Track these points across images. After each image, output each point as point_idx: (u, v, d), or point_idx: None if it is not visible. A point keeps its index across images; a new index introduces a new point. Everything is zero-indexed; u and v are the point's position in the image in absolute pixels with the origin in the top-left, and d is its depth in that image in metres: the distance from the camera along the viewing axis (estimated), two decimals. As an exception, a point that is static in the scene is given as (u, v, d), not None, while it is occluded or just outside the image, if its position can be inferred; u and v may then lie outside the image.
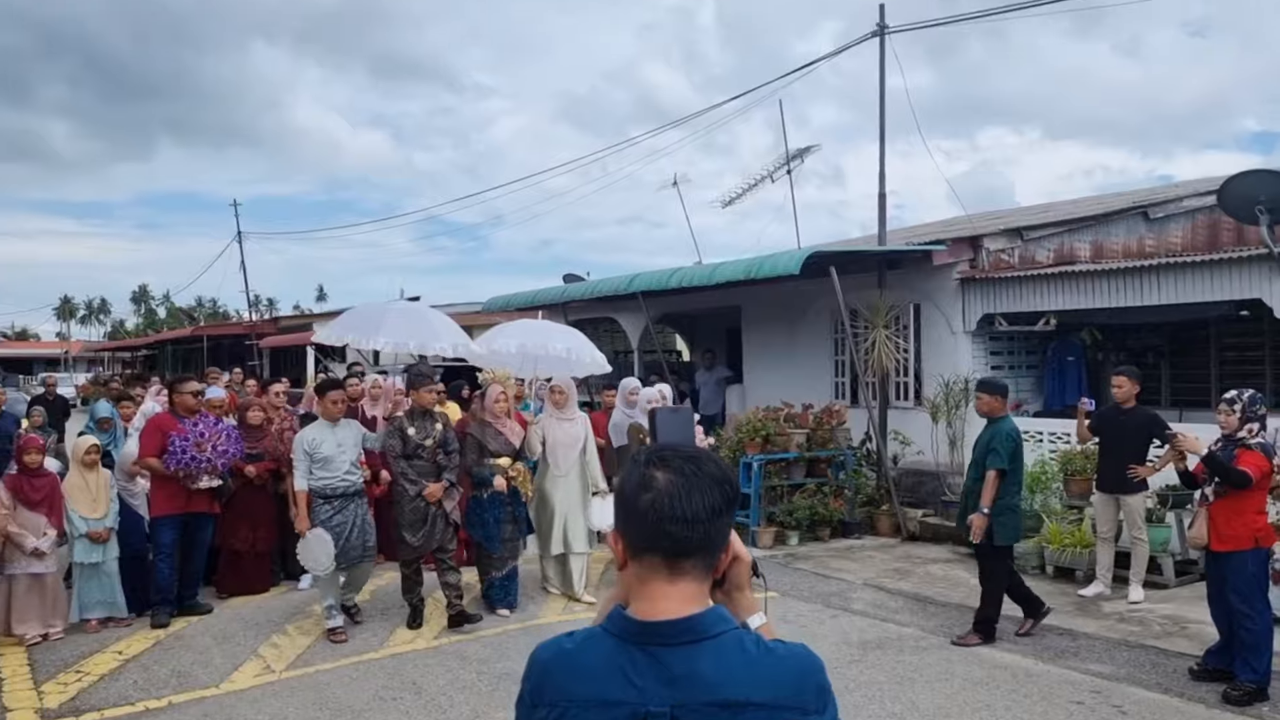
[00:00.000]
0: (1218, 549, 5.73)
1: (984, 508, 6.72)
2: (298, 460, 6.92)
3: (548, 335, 8.69)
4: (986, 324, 11.38)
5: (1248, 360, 11.40)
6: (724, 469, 1.59)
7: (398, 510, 7.08)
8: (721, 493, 1.55)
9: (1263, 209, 8.67)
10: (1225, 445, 5.83)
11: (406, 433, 7.06)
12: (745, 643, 1.49)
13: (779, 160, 13.73)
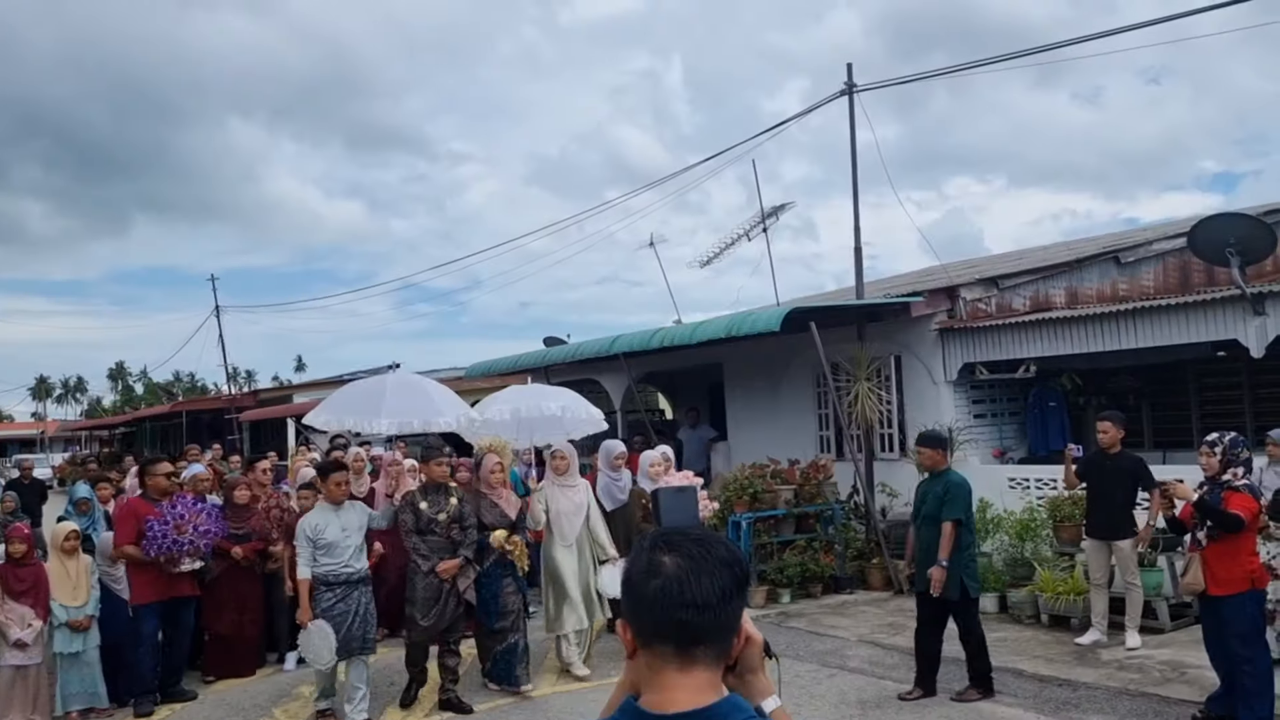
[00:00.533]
0: (1215, 593, 5.70)
1: (943, 560, 6.63)
2: (300, 547, 6.64)
3: (540, 396, 8.60)
4: (967, 373, 11.44)
5: (1227, 400, 11.49)
6: (733, 551, 1.57)
7: (409, 588, 6.88)
8: (731, 575, 1.52)
9: (1233, 250, 8.81)
10: (1211, 488, 5.85)
11: (419, 507, 6.91)
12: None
13: (754, 218, 13.88)
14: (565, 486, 7.92)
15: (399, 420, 8.10)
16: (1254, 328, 8.92)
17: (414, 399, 8.33)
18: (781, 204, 14.01)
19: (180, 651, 7.52)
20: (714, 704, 1.45)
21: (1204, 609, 5.95)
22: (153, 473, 7.53)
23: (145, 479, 7.54)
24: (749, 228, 14.05)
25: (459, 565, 6.89)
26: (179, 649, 7.49)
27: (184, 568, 7.18)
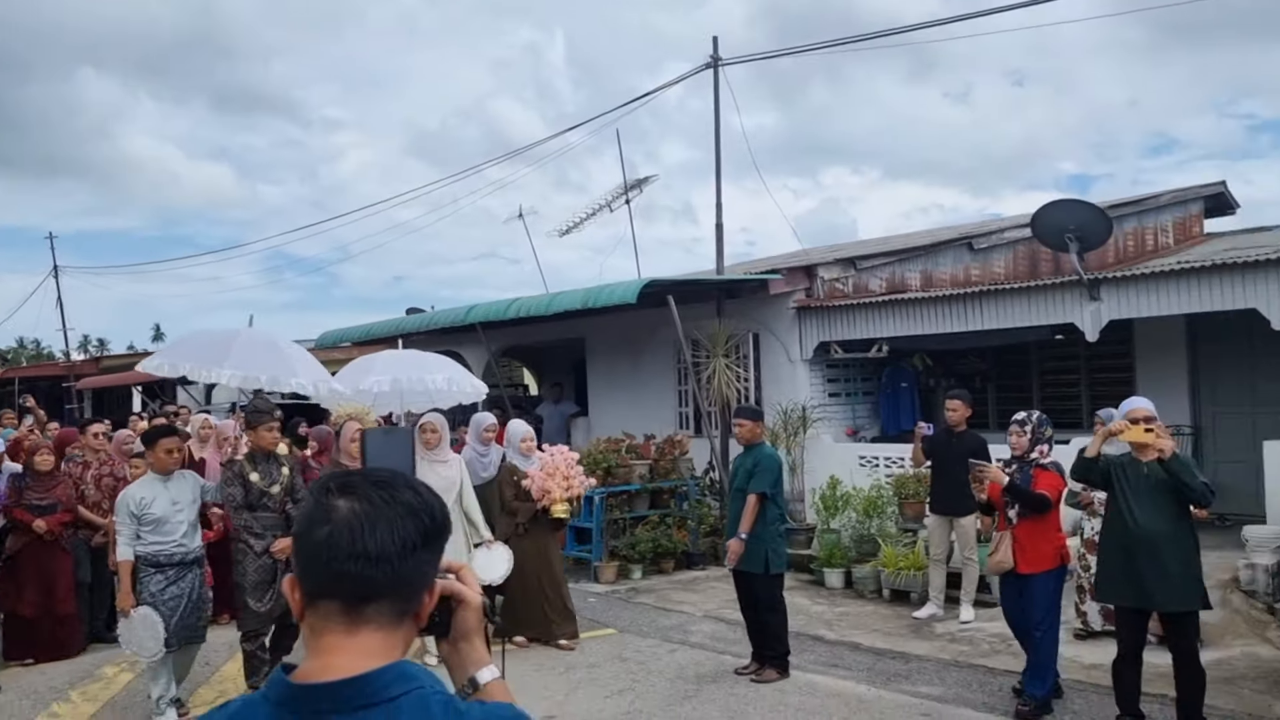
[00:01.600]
0: (1025, 571, 5.75)
1: (742, 533, 6.52)
2: (122, 524, 5.84)
3: (423, 367, 7.91)
4: (823, 352, 11.53)
5: (1064, 382, 11.91)
6: (424, 497, 1.33)
7: (238, 571, 6.16)
8: (417, 524, 1.29)
9: (1072, 236, 9.07)
10: (1020, 467, 5.93)
11: (248, 479, 6.20)
12: (431, 706, 1.22)
13: (618, 189, 13.69)
14: (435, 461, 7.29)
15: (244, 374, 7.19)
16: (1089, 312, 9.21)
17: (266, 355, 7.46)
18: (645, 176, 13.87)
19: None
20: (372, 671, 1.21)
21: (1008, 586, 5.97)
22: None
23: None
24: (611, 199, 13.84)
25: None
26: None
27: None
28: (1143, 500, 5.22)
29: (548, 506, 7.39)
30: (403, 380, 7.64)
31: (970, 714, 5.80)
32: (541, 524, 7.53)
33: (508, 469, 7.80)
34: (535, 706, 6.12)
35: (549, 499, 7.37)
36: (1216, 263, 8.50)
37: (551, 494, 7.35)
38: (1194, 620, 5.33)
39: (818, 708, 5.97)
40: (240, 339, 7.66)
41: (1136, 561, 5.19)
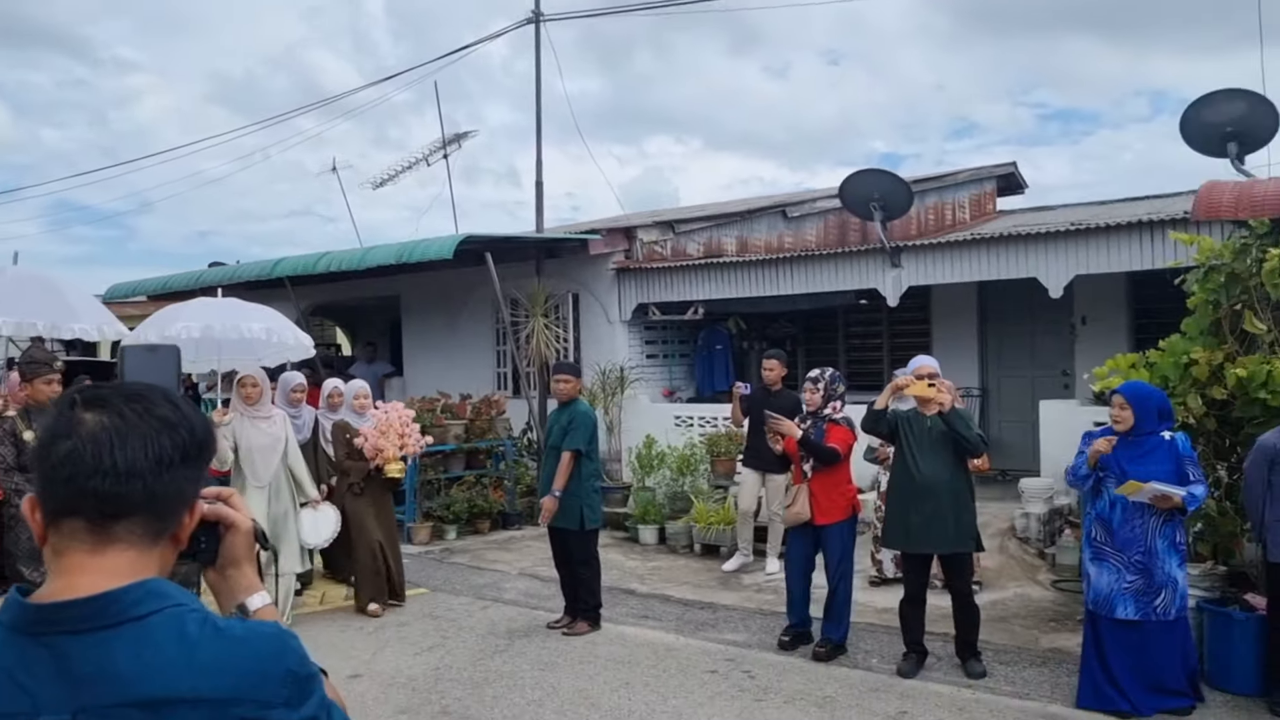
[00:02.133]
0: (821, 522, 6.01)
1: (556, 490, 6.55)
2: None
3: (242, 314, 7.26)
4: (641, 313, 11.66)
5: (868, 346, 12.52)
6: (184, 412, 1.24)
7: (10, 538, 5.70)
8: (174, 438, 1.21)
9: (876, 204, 9.49)
10: (815, 422, 6.19)
11: (21, 437, 5.65)
12: (186, 624, 1.15)
13: (436, 143, 13.36)
14: (257, 418, 6.79)
15: (16, 319, 6.55)
16: (891, 278, 9.69)
17: (41, 296, 6.76)
18: (464, 131, 13.59)
19: None
20: (118, 589, 1.13)
21: (801, 537, 6.21)
22: None
23: None
24: (429, 152, 13.50)
25: None
26: None
27: None
28: (925, 451, 5.56)
29: (381, 465, 7.09)
30: (216, 328, 7.02)
31: (770, 656, 6.04)
32: (376, 484, 7.23)
33: (340, 426, 7.42)
34: (341, 666, 5.97)
35: (382, 458, 7.06)
36: (1003, 234, 9.10)
37: (385, 452, 7.05)
38: (969, 562, 5.75)
39: (626, 657, 6.08)
40: (6, 278, 6.95)
41: (920, 508, 5.53)
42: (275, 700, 1.16)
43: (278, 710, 1.16)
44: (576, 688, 5.52)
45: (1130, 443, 5.06)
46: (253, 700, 1.15)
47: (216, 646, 1.15)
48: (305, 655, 1.23)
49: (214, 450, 1.31)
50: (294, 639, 1.24)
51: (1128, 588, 5.00)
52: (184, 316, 7.12)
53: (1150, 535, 4.98)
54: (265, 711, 1.15)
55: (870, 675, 5.68)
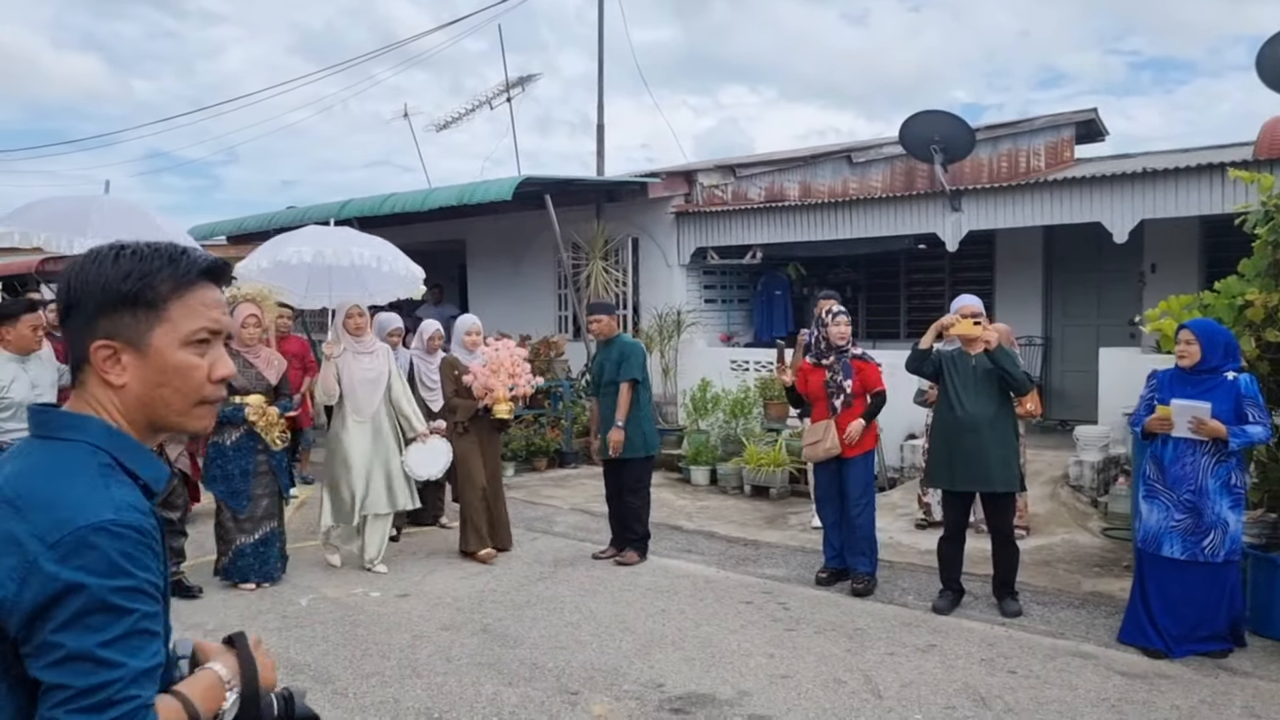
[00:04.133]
0: (849, 455, 6.07)
1: (619, 421, 6.68)
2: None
3: (350, 240, 6.95)
4: (700, 257, 11.67)
5: (930, 294, 12.35)
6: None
7: None
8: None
9: (937, 147, 9.32)
10: (838, 357, 6.17)
11: None
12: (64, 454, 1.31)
13: (500, 87, 13.45)
14: (360, 352, 6.67)
15: (108, 242, 6.51)
16: (950, 223, 9.54)
17: (134, 223, 6.54)
18: (529, 74, 13.62)
19: None
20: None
21: (825, 472, 6.26)
22: None
23: None
24: (493, 95, 13.60)
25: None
26: None
27: None
28: (969, 389, 5.54)
29: (490, 405, 6.84)
30: (327, 253, 6.70)
31: (807, 590, 6.13)
32: (483, 424, 6.99)
33: (449, 362, 7.15)
34: (392, 586, 6.24)
35: (492, 397, 6.81)
36: (1065, 178, 8.88)
37: (495, 392, 6.79)
38: (1011, 503, 5.72)
39: (666, 587, 6.22)
40: (99, 205, 6.82)
41: (962, 446, 5.53)
42: (46, 543, 1.19)
43: (41, 561, 1.18)
44: (614, 613, 5.68)
45: (1191, 379, 4.98)
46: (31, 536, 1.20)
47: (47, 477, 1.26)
48: (112, 528, 1.21)
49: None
50: (104, 500, 1.24)
51: (1175, 526, 4.95)
52: (295, 241, 6.90)
53: (1201, 474, 4.91)
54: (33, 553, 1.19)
55: (904, 611, 5.73)
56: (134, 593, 1.19)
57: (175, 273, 1.36)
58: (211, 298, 1.40)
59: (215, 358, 1.40)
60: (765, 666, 4.83)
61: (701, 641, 5.19)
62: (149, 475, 1.35)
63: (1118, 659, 4.93)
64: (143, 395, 1.36)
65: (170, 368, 1.35)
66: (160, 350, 1.35)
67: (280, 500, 6.44)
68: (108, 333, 1.33)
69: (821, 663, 4.87)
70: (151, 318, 1.34)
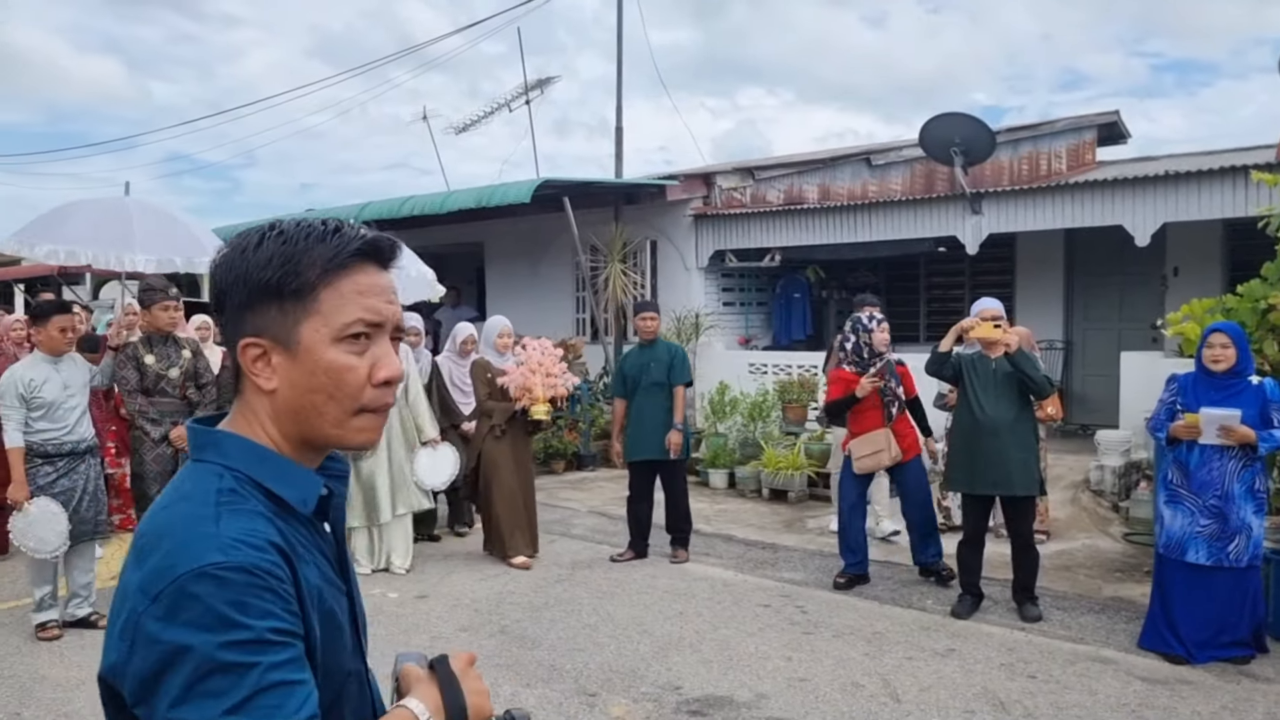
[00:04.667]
0: (908, 459, 6.22)
1: (679, 423, 6.79)
2: (10, 408, 5.27)
3: None
4: (718, 260, 11.67)
5: (950, 297, 12.31)
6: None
7: (136, 460, 5.79)
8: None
9: (957, 149, 9.29)
10: (885, 363, 6.20)
11: (142, 362, 5.75)
12: (191, 480, 1.15)
13: (518, 89, 13.49)
14: None
15: (158, 256, 6.26)
16: (971, 225, 9.51)
17: (172, 234, 6.50)
18: (548, 76, 13.67)
19: None
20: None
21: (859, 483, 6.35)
22: None
23: None
24: (511, 97, 13.64)
25: None
26: None
27: None
28: (989, 393, 5.52)
29: (527, 407, 6.70)
30: None
31: (825, 594, 6.11)
32: (518, 426, 6.89)
33: (480, 365, 7.10)
34: (410, 588, 6.27)
35: (529, 398, 6.68)
36: (1087, 181, 8.83)
37: (533, 392, 6.67)
38: (1031, 506, 5.69)
39: (683, 590, 6.22)
40: (136, 214, 6.68)
41: (982, 449, 5.50)
42: (151, 594, 1.01)
43: (147, 618, 1.01)
44: (631, 616, 5.68)
45: (1216, 383, 4.93)
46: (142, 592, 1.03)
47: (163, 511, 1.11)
48: (215, 574, 1.00)
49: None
50: (214, 538, 1.03)
51: (1201, 531, 4.91)
52: None
53: (1228, 479, 4.87)
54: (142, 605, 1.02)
55: (923, 615, 5.71)
56: (253, 645, 0.98)
57: (324, 254, 1.14)
58: (370, 283, 1.17)
59: (377, 356, 1.17)
60: (783, 669, 4.82)
61: (719, 644, 5.19)
62: (294, 495, 1.14)
63: (1139, 664, 4.90)
64: (294, 402, 1.15)
65: (322, 368, 1.14)
66: (310, 348, 1.14)
67: None
68: (255, 329, 1.14)
69: (840, 666, 4.86)
70: (299, 309, 1.13)
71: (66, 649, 5.14)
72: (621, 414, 7.21)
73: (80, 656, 5.03)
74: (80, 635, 5.33)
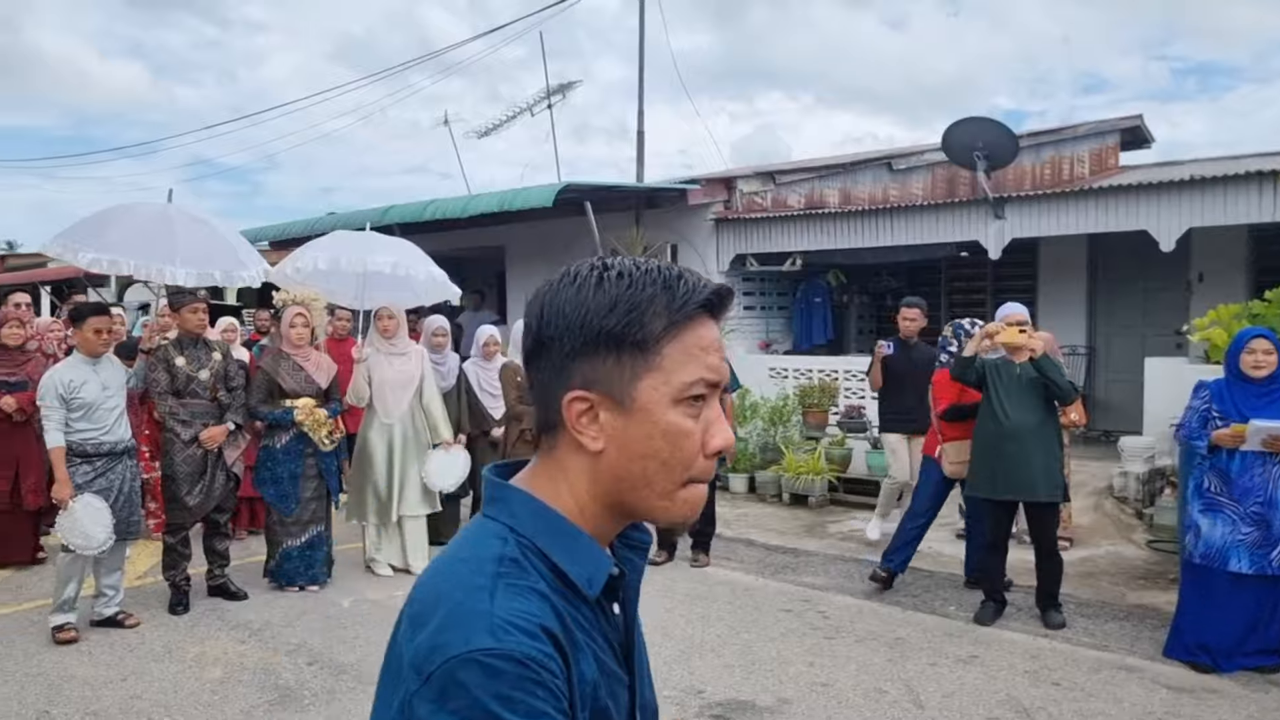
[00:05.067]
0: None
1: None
2: (51, 408, 5.31)
3: (367, 248, 6.71)
4: (739, 264, 11.66)
5: (972, 301, 12.24)
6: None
7: (166, 462, 5.86)
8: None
9: (980, 154, 9.25)
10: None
11: (174, 364, 5.82)
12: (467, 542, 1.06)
13: (541, 94, 13.55)
14: (392, 354, 6.71)
15: (198, 270, 6.23)
16: (993, 230, 9.46)
17: (211, 244, 6.48)
18: (570, 81, 13.72)
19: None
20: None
21: (941, 484, 6.33)
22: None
23: None
24: (533, 102, 13.70)
25: (225, 433, 5.92)
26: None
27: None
28: (1014, 398, 5.49)
29: None
30: (343, 261, 6.61)
31: (846, 600, 6.10)
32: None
33: (511, 368, 7.07)
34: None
35: None
36: (1111, 185, 8.78)
37: None
38: (1055, 513, 5.66)
39: (704, 594, 6.22)
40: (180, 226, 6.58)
41: (1005, 455, 5.47)
42: (416, 675, 0.94)
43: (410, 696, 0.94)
44: (653, 619, 5.68)
45: (1258, 390, 4.89)
46: (410, 666, 0.95)
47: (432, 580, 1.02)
48: (494, 655, 0.91)
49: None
50: (487, 617, 0.94)
51: (1243, 539, 4.84)
52: (314, 247, 6.91)
53: (1271, 485, 4.81)
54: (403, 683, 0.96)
55: (946, 621, 5.69)
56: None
57: (670, 304, 1.01)
58: (711, 338, 1.05)
59: (710, 421, 1.04)
60: (805, 674, 4.82)
61: (741, 648, 5.19)
62: (580, 573, 1.01)
63: (1164, 672, 4.86)
64: (620, 468, 1.03)
65: (659, 432, 1.01)
66: (647, 408, 1.01)
67: (328, 504, 6.52)
68: (585, 382, 1.02)
69: (862, 672, 4.85)
70: (638, 363, 1.01)
71: (94, 648, 5.20)
72: None
73: (108, 655, 5.08)
74: (107, 634, 5.39)
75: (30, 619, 5.65)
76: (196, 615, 5.76)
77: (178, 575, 5.89)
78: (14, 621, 5.64)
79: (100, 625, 5.48)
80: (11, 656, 5.06)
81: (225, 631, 5.49)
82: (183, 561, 5.91)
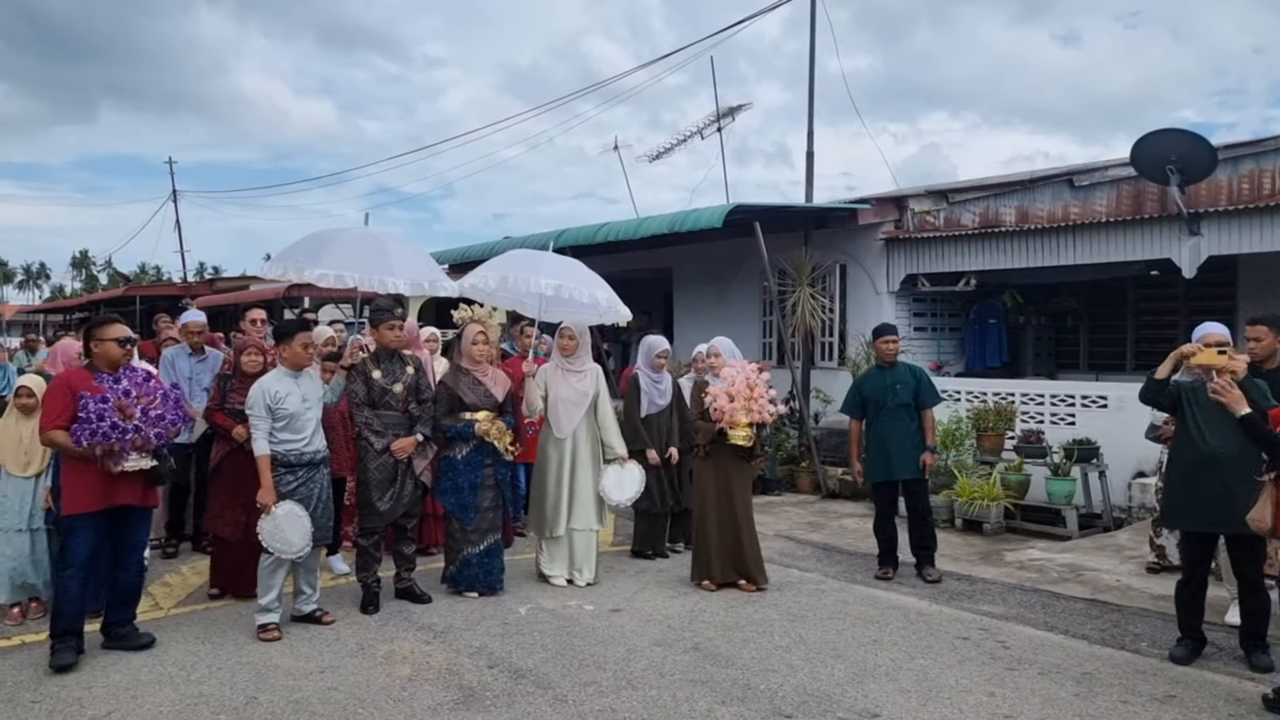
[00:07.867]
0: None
1: (932, 444, 7.12)
2: (258, 417, 5.58)
3: (534, 268, 6.70)
4: (910, 284, 11.45)
5: (1162, 324, 11.60)
6: None
7: (360, 469, 6.22)
8: None
9: (1174, 168, 8.78)
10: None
11: (371, 377, 6.19)
12: None
13: (710, 117, 13.69)
14: (569, 371, 6.92)
15: (334, 271, 6.48)
16: (1188, 247, 8.95)
17: (364, 253, 6.67)
18: (738, 104, 13.82)
19: (128, 583, 5.52)
20: None
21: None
22: (101, 336, 5.31)
23: (90, 344, 5.34)
24: (702, 125, 13.85)
25: (415, 444, 6.22)
26: (127, 578, 5.50)
27: (128, 466, 5.14)
28: (1212, 422, 5.17)
29: (725, 429, 6.61)
30: (510, 279, 6.72)
31: (1028, 631, 5.86)
32: (724, 450, 6.73)
33: (700, 385, 7.13)
34: (605, 601, 6.43)
35: (727, 420, 6.59)
36: (1325, 197, 8.16)
37: (730, 415, 6.58)
38: (1260, 545, 5.28)
39: (876, 617, 6.12)
40: (340, 237, 6.89)
41: (1204, 483, 5.16)
42: None
43: None
44: (824, 640, 5.63)
45: None
46: None
47: None
48: None
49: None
50: None
51: None
52: (489, 265, 7.08)
53: None
54: None
55: (1138, 658, 5.39)
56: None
57: None
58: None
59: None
60: (986, 704, 4.67)
61: (917, 674, 5.07)
62: None
63: (1391, 725, 4.46)
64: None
65: None
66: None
67: (504, 513, 6.75)
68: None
69: (1047, 705, 4.66)
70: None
71: (296, 641, 5.56)
72: (858, 435, 7.39)
73: (309, 649, 5.43)
74: (306, 629, 5.76)
75: (239, 612, 6.10)
76: (385, 615, 6.08)
77: (369, 577, 6.24)
78: (226, 615, 6.10)
79: (300, 621, 5.87)
80: (224, 646, 5.48)
81: (412, 632, 5.78)
82: (374, 563, 6.26)
